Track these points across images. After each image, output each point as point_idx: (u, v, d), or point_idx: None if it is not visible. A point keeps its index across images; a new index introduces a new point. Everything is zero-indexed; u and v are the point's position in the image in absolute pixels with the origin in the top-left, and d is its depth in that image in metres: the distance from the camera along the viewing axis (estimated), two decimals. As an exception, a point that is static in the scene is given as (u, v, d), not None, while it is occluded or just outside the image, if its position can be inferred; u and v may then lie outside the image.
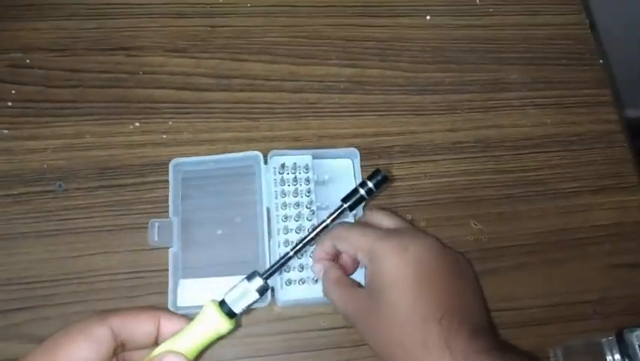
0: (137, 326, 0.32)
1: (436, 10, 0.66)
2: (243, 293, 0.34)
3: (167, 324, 0.34)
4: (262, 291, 0.35)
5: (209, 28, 0.62)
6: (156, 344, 0.34)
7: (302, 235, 0.38)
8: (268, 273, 0.36)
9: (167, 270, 0.50)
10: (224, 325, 0.34)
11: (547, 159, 0.61)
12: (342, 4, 0.65)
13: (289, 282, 0.50)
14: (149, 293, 0.51)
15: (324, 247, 0.47)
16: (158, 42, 0.61)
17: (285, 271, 0.50)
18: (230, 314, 0.34)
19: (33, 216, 0.52)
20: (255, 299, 0.35)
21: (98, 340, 0.30)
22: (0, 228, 0.52)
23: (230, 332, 0.35)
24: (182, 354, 0.32)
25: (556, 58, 0.66)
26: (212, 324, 0.34)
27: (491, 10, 0.67)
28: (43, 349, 0.30)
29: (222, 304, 0.34)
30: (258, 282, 0.34)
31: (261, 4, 0.64)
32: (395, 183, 0.58)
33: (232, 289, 0.35)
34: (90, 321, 0.31)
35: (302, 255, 0.51)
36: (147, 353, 0.33)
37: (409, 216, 0.56)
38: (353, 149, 0.55)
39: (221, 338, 0.35)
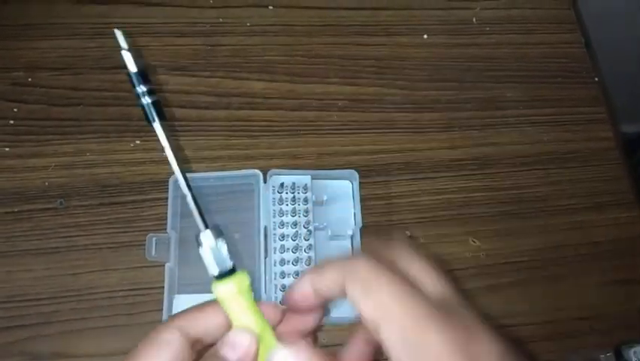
0: (206, 320, 0.32)
1: (433, 30, 0.67)
2: (208, 255, 0.33)
3: None
4: (218, 234, 0.33)
5: (210, 47, 0.63)
6: None
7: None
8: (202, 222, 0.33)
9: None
10: (222, 289, 0.32)
11: (544, 176, 0.61)
12: (339, 24, 0.65)
13: (284, 288, 0.51)
14: (148, 310, 0.51)
15: (300, 293, 0.31)
16: (160, 61, 0.62)
17: (280, 290, 0.51)
18: (221, 276, 0.33)
19: (34, 234, 0.53)
20: (218, 249, 0.32)
21: (168, 344, 0.30)
22: (1, 245, 0.52)
23: (244, 283, 0.32)
24: (244, 329, 0.31)
25: (552, 76, 0.67)
26: (220, 296, 0.32)
27: (487, 29, 0.68)
28: None
29: (217, 277, 0.33)
30: (208, 235, 0.33)
31: (259, 23, 0.64)
32: (394, 200, 0.58)
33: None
34: (158, 329, 0.31)
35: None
36: None
37: (408, 233, 0.57)
38: (352, 171, 0.56)
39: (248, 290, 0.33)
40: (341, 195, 0.57)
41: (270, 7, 0.66)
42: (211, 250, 0.31)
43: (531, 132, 0.63)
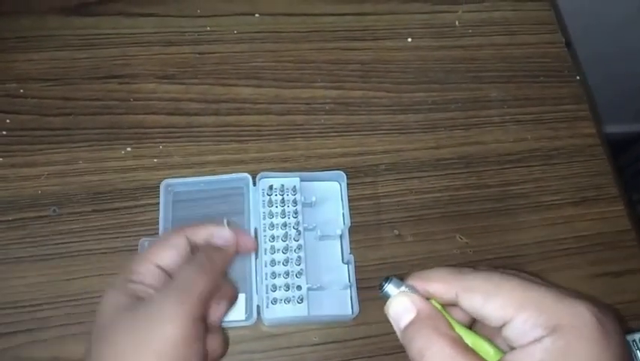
0: (206, 231, 0.43)
1: (417, 33, 0.69)
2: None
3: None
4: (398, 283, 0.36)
5: (198, 55, 0.64)
6: None
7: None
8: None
9: (160, 290, 0.51)
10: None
11: (529, 173, 0.63)
12: (325, 29, 0.67)
13: (275, 301, 0.51)
14: (143, 314, 0.52)
15: (436, 286, 0.35)
16: (149, 69, 0.63)
17: (270, 290, 0.52)
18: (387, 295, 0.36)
19: (28, 241, 0.54)
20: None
21: (175, 246, 0.41)
22: (-4, 253, 0.53)
23: (437, 307, 0.35)
24: (224, 227, 0.44)
25: (535, 75, 0.68)
26: None
27: (470, 31, 0.69)
28: (140, 256, 0.41)
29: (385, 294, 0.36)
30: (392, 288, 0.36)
31: (246, 30, 0.66)
32: (382, 200, 0.59)
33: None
34: (168, 234, 0.43)
35: (288, 274, 0.52)
36: None
37: (397, 232, 0.58)
38: (340, 172, 0.57)
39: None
40: (329, 196, 0.58)
41: (257, 15, 0.67)
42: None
43: (515, 131, 0.65)
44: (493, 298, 0.31)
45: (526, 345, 0.29)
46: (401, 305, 0.34)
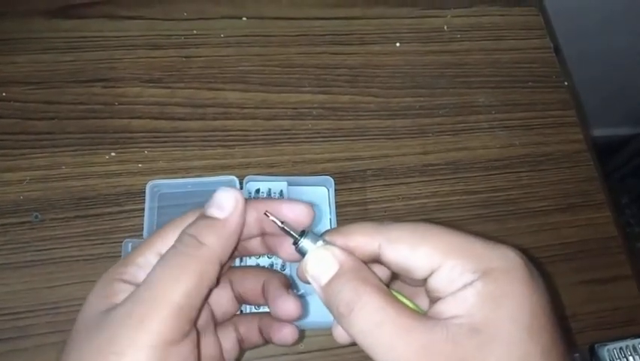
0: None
1: (406, 37, 0.68)
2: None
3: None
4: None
5: (184, 59, 0.63)
6: None
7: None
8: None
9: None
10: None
11: (517, 179, 0.62)
12: (313, 33, 0.66)
13: (258, 306, 0.51)
14: (126, 321, 0.51)
15: (357, 240, 0.31)
16: (134, 73, 0.62)
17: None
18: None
19: (10, 248, 0.53)
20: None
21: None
22: (-24, 260, 0.52)
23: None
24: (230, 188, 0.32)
25: (523, 81, 0.68)
26: None
27: (458, 36, 0.69)
28: (143, 242, 0.31)
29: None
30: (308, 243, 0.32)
31: (234, 34, 0.65)
32: (369, 206, 0.59)
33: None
34: (192, 211, 0.33)
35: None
36: None
37: (383, 239, 0.57)
38: (328, 177, 0.57)
39: None
40: (317, 201, 0.57)
41: (244, 19, 0.67)
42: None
43: (503, 136, 0.64)
44: (420, 247, 0.29)
45: (457, 291, 0.28)
46: (321, 260, 0.30)
